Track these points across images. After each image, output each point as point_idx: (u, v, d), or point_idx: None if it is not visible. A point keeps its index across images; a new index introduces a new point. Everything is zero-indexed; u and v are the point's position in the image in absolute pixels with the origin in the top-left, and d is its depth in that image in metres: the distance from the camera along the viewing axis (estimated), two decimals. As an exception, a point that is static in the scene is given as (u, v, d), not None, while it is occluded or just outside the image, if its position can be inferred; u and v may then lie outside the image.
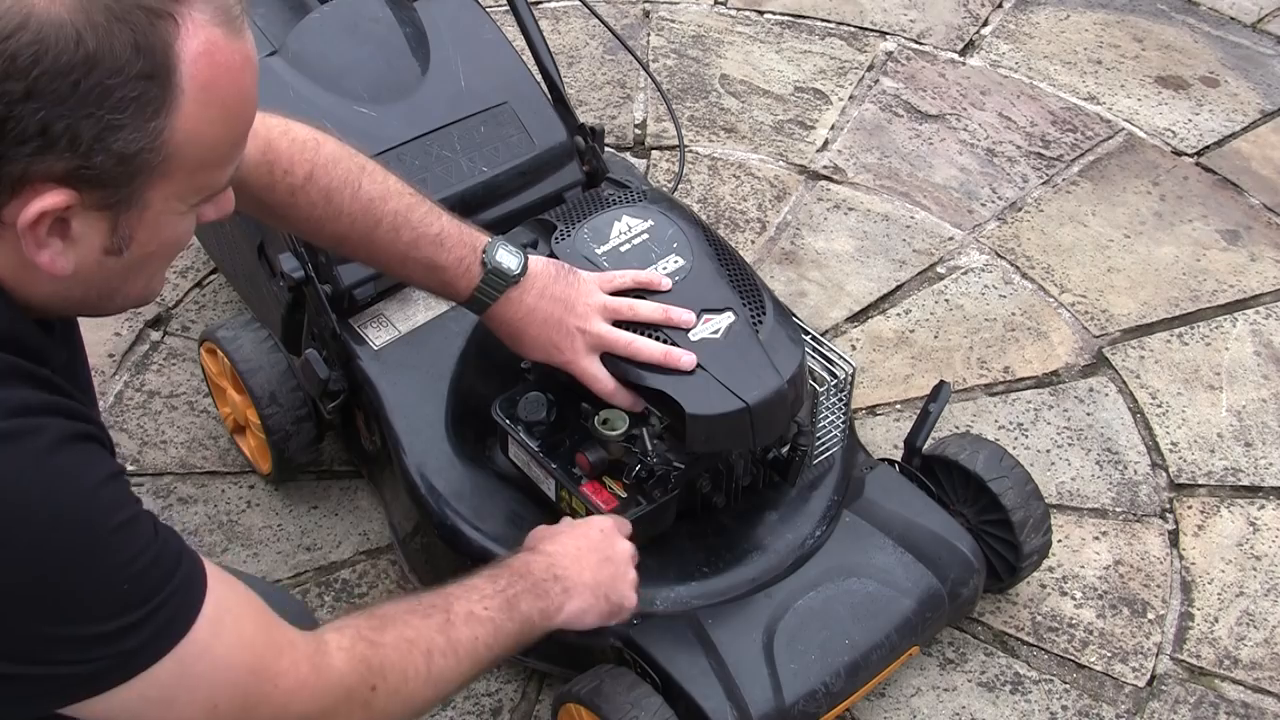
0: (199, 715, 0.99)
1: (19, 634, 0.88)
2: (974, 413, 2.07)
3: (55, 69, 0.83)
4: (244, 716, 1.01)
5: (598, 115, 2.62)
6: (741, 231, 2.38)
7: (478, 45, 1.90)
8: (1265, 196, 2.53)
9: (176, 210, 0.94)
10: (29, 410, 0.87)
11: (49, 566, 0.87)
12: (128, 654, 0.92)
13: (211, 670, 0.98)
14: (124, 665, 0.92)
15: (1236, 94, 2.79)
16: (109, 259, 0.93)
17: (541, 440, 1.53)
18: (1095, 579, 1.85)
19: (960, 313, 2.25)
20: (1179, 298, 2.30)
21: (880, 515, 1.62)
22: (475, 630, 1.21)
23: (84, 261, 0.92)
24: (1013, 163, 2.58)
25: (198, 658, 0.96)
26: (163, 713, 0.96)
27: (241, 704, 1.01)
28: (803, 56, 2.83)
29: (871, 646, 1.51)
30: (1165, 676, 1.75)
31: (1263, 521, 1.94)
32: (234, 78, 0.91)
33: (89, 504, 0.89)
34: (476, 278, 1.42)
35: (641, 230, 1.55)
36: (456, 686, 1.22)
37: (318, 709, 1.07)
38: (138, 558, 0.91)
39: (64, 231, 0.89)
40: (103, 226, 0.91)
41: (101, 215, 0.90)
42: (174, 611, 0.94)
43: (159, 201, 0.92)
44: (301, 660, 1.05)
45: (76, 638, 0.89)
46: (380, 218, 1.38)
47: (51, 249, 0.90)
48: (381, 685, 1.12)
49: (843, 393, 1.62)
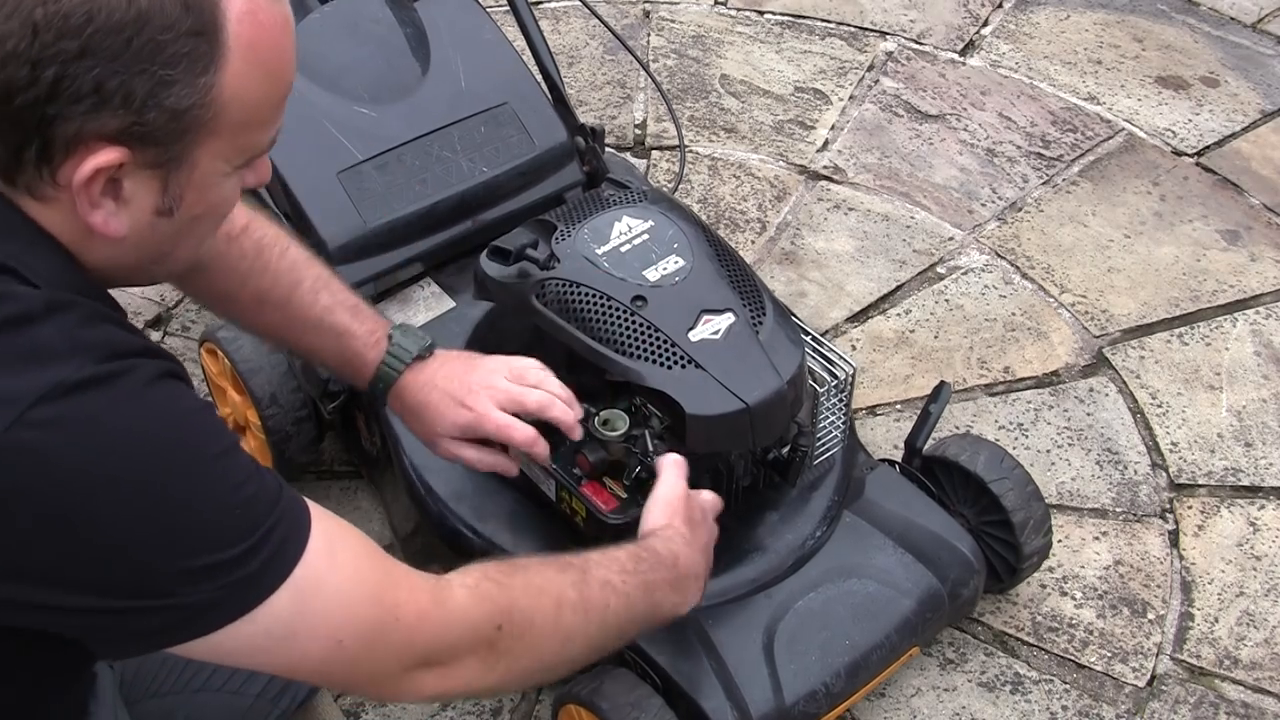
0: (322, 650, 0.97)
1: (137, 569, 0.88)
2: (974, 413, 2.07)
3: (108, 26, 0.85)
4: (369, 652, 0.99)
5: (598, 115, 2.62)
6: (741, 231, 2.38)
7: (478, 45, 1.90)
8: (1265, 196, 2.53)
9: (222, 171, 0.96)
10: (121, 352, 0.89)
11: (161, 498, 0.88)
12: (244, 582, 0.91)
13: (330, 602, 0.96)
14: (242, 596, 0.92)
15: (1236, 94, 2.79)
16: (160, 220, 0.95)
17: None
18: (1095, 579, 1.85)
19: (960, 313, 2.25)
20: (1179, 298, 2.30)
21: (880, 516, 1.62)
22: (609, 598, 1.18)
23: (136, 223, 0.94)
24: (1013, 163, 2.58)
25: (315, 589, 0.95)
26: (286, 649, 0.95)
27: (365, 638, 0.99)
28: (803, 56, 2.83)
29: (872, 647, 1.51)
30: (1165, 676, 1.75)
31: (1263, 521, 1.94)
32: (276, 38, 0.94)
33: (192, 434, 0.91)
34: (384, 349, 1.42)
35: (642, 231, 1.55)
36: (582, 651, 1.18)
37: (443, 645, 1.05)
38: (243, 485, 0.93)
39: (116, 192, 0.91)
40: (154, 186, 0.93)
41: (153, 175, 0.92)
42: (284, 537, 0.94)
43: (206, 161, 0.94)
44: (421, 592, 1.03)
45: (194, 569, 0.89)
46: (303, 278, 1.40)
47: (105, 210, 0.91)
48: (507, 625, 1.09)
49: (843, 393, 1.62)
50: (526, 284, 1.50)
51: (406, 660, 1.02)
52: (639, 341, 1.45)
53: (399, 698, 1.07)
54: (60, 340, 0.86)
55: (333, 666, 0.99)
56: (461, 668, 1.06)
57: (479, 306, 1.73)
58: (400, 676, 1.03)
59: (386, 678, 1.02)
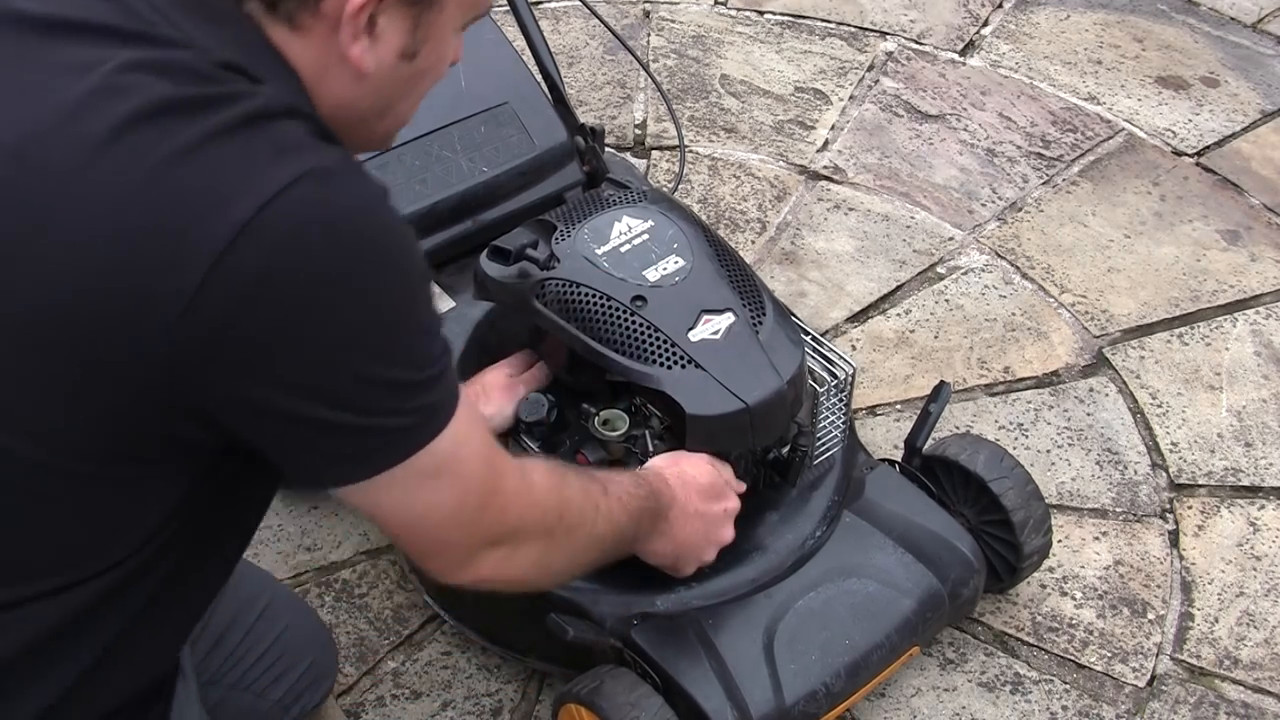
0: (451, 500, 1.00)
1: (354, 375, 0.89)
2: (974, 413, 2.07)
3: None
4: (478, 514, 1.03)
5: (598, 115, 2.62)
6: (741, 231, 2.38)
7: (478, 45, 1.90)
8: (1265, 196, 2.53)
9: (455, 24, 1.00)
10: (357, 167, 0.91)
11: (387, 301, 0.90)
12: (430, 410, 0.94)
13: (469, 455, 1.00)
14: (427, 423, 0.94)
15: (1236, 94, 2.79)
16: (401, 64, 0.97)
17: (542, 441, 1.53)
18: (1095, 579, 1.85)
19: (960, 313, 2.25)
20: (1179, 298, 2.30)
21: (881, 515, 1.62)
22: (619, 513, 1.25)
23: (381, 63, 0.96)
24: (1013, 163, 2.58)
25: (464, 438, 0.98)
26: (430, 492, 0.98)
27: (479, 498, 1.02)
28: (803, 56, 2.83)
29: (872, 647, 1.51)
30: (1165, 677, 1.75)
31: (1263, 522, 1.94)
32: None
33: (412, 255, 0.93)
34: None
35: (642, 231, 1.55)
36: (598, 557, 1.25)
37: (522, 522, 1.09)
38: (434, 313, 0.96)
39: (371, 29, 0.93)
40: (406, 26, 0.95)
41: (407, 14, 0.95)
42: (454, 378, 0.97)
43: (451, 8, 0.98)
44: (514, 468, 1.08)
45: (400, 383, 0.91)
46: None
47: (361, 43, 0.93)
48: (565, 517, 1.15)
49: (843, 393, 1.62)
50: (526, 284, 1.50)
51: (491, 532, 1.06)
52: (639, 341, 1.45)
53: (459, 575, 1.08)
54: (305, 139, 0.88)
55: (444, 520, 1.01)
56: (524, 551, 1.10)
57: (479, 306, 1.73)
58: (478, 551, 1.06)
59: (466, 548, 1.05)
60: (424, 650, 1.71)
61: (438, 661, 1.70)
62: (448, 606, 1.67)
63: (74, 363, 0.85)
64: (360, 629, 1.72)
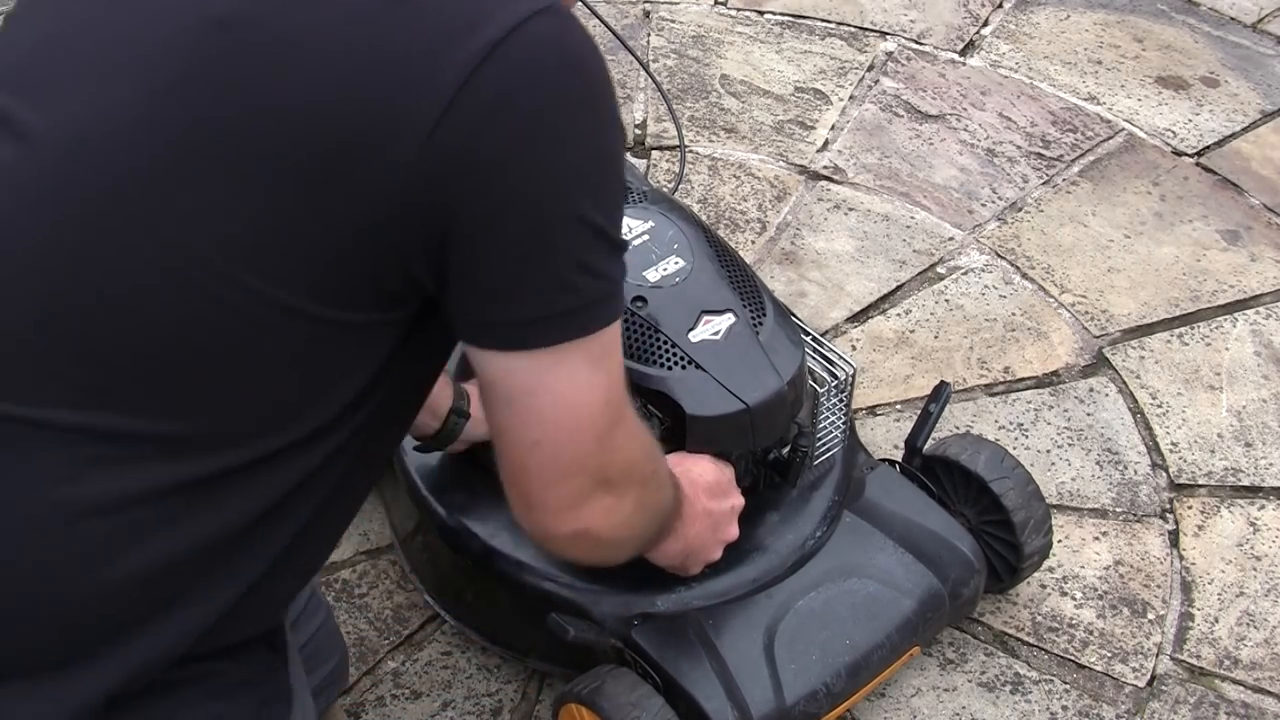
0: (599, 402, 0.97)
1: (574, 211, 0.90)
2: (974, 413, 2.07)
3: None
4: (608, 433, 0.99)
5: (598, 115, 2.61)
6: (741, 232, 2.38)
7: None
8: (1265, 196, 2.54)
9: None
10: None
11: (606, 144, 0.91)
12: (617, 288, 0.94)
13: (616, 366, 0.98)
14: (613, 300, 0.94)
15: (1236, 94, 2.79)
16: None
17: (542, 441, 1.53)
18: (1095, 579, 1.85)
19: (960, 313, 2.25)
20: (1179, 298, 2.30)
21: (881, 515, 1.62)
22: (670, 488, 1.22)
23: None
24: (1013, 163, 2.58)
25: (614, 346, 0.97)
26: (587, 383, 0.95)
27: (615, 411, 0.99)
28: (803, 57, 2.83)
29: (872, 647, 1.51)
30: (1165, 677, 1.75)
31: (1263, 522, 1.94)
32: None
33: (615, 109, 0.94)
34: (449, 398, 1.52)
35: (642, 231, 1.55)
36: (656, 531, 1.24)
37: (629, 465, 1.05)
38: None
39: None
40: None
41: None
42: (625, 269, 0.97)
43: None
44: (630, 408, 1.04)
45: (605, 236, 0.92)
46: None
47: None
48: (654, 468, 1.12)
49: (843, 393, 1.62)
50: (527, 284, 1.50)
51: (610, 464, 1.01)
52: (639, 342, 1.45)
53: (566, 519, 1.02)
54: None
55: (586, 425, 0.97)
56: (625, 500, 1.05)
57: (479, 307, 1.73)
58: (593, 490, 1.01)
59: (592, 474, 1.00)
60: (424, 650, 1.71)
61: (438, 661, 1.70)
62: (448, 606, 1.67)
63: (321, 182, 0.85)
64: (360, 629, 1.72)
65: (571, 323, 0.92)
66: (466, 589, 1.64)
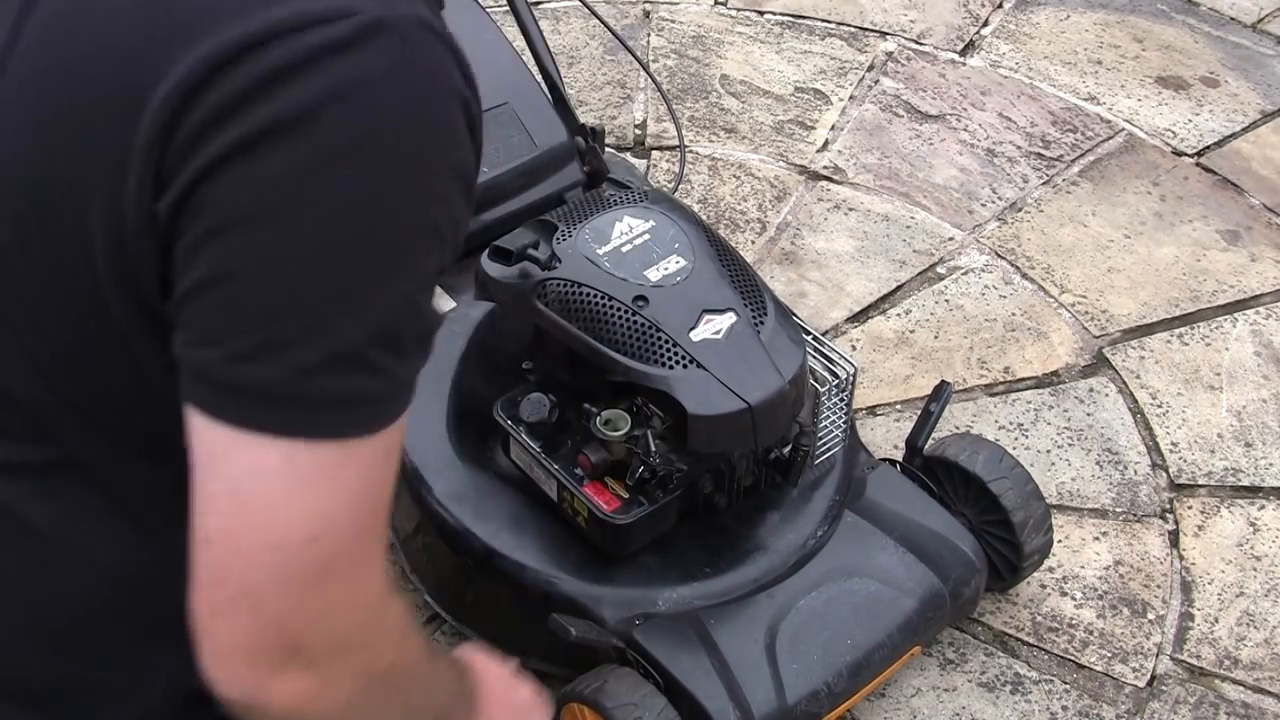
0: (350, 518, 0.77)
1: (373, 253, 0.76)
2: (974, 413, 2.08)
3: None
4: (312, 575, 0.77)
5: (598, 115, 2.62)
6: (742, 232, 2.38)
7: (478, 46, 1.89)
8: (1265, 196, 2.54)
9: None
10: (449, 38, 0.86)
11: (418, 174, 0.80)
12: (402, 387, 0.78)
13: (379, 489, 0.79)
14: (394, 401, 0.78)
15: (1236, 94, 2.79)
16: None
17: (543, 441, 1.53)
18: (1095, 579, 1.85)
19: (960, 313, 2.25)
20: (1179, 298, 2.31)
21: (882, 515, 1.62)
22: (435, 690, 0.97)
23: None
24: (1013, 163, 2.59)
25: (386, 460, 0.79)
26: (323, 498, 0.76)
27: (310, 549, 0.76)
28: (803, 57, 2.83)
29: (873, 646, 1.51)
30: (1165, 677, 1.75)
31: (1263, 522, 1.94)
32: None
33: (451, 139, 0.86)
34: None
35: (643, 231, 1.55)
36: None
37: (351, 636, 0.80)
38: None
39: None
40: None
41: None
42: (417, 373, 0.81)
43: None
44: (383, 564, 0.84)
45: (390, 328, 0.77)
46: None
47: None
48: (403, 663, 0.88)
49: (844, 393, 1.62)
50: (528, 284, 1.50)
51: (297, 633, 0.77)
52: (640, 341, 1.45)
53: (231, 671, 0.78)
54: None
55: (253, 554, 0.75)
56: (337, 688, 0.80)
57: (480, 307, 1.73)
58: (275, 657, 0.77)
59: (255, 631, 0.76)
60: (425, 650, 1.71)
61: (439, 661, 1.70)
62: (448, 607, 1.67)
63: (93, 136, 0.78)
64: (361, 629, 1.72)
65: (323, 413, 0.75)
66: (467, 589, 1.64)
